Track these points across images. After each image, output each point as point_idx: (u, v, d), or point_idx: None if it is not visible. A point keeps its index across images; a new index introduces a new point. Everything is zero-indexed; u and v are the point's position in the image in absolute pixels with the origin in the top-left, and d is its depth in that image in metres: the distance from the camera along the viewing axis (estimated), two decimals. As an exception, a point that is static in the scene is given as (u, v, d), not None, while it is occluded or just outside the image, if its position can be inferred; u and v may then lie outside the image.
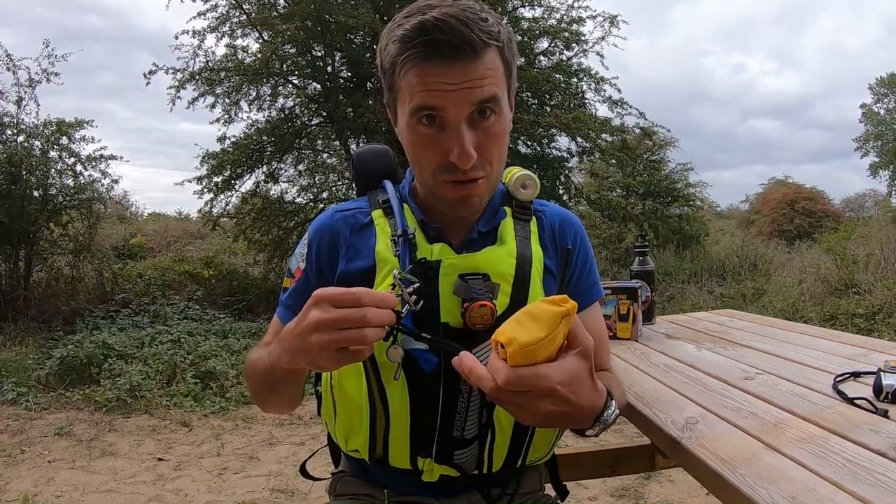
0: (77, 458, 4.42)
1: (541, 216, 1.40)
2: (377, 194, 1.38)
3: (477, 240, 1.29)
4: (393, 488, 1.34)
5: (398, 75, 1.14)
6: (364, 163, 1.45)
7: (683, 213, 15.63)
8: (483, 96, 1.12)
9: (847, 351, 1.91)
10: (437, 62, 1.09)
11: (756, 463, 1.09)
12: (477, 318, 1.17)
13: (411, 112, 1.14)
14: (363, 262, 1.27)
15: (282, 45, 9.50)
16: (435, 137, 1.15)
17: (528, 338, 0.92)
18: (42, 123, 9.00)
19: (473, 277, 1.20)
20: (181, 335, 7.04)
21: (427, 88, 1.11)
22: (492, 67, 1.13)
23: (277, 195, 11.08)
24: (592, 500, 3.64)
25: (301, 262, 1.34)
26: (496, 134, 1.17)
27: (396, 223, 1.27)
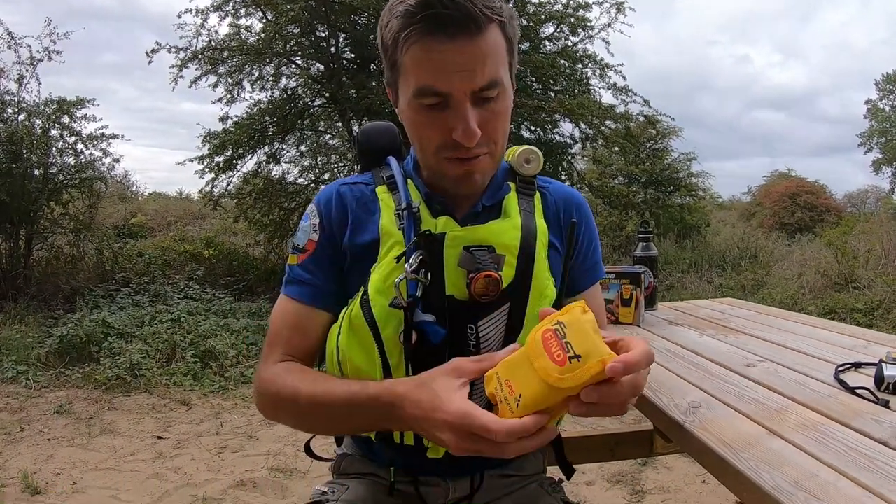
0: (76, 436, 4.43)
1: (545, 192, 1.40)
2: (381, 171, 1.38)
3: (481, 213, 1.29)
4: (398, 466, 1.35)
5: (400, 52, 1.14)
6: (368, 139, 1.45)
7: (685, 203, 15.60)
8: (486, 80, 1.12)
9: (848, 342, 1.92)
10: (440, 38, 1.08)
11: (758, 447, 1.10)
12: (482, 288, 1.17)
13: (415, 93, 1.14)
14: (368, 236, 1.27)
15: (285, 25, 9.44)
16: (438, 116, 1.14)
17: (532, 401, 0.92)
18: (43, 102, 8.97)
19: (478, 249, 1.20)
20: (181, 314, 7.05)
21: (431, 68, 1.11)
22: (494, 45, 1.13)
23: (279, 176, 11.05)
24: (589, 484, 3.65)
25: (313, 234, 1.32)
26: (499, 112, 1.18)
27: (401, 197, 1.27)
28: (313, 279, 1.30)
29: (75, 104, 9.07)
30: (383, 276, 1.19)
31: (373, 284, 1.20)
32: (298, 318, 1.30)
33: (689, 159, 16.12)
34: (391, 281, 1.18)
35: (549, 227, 1.34)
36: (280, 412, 1.27)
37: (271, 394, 1.24)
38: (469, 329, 1.20)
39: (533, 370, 0.91)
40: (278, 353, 1.28)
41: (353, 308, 1.21)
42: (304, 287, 1.30)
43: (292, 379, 1.21)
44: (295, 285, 1.32)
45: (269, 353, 1.29)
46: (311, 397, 1.17)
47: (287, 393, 1.20)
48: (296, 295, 1.30)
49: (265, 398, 1.27)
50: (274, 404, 1.25)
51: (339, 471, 1.46)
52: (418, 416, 1.01)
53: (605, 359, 0.86)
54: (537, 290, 1.23)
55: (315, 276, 1.30)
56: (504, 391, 0.95)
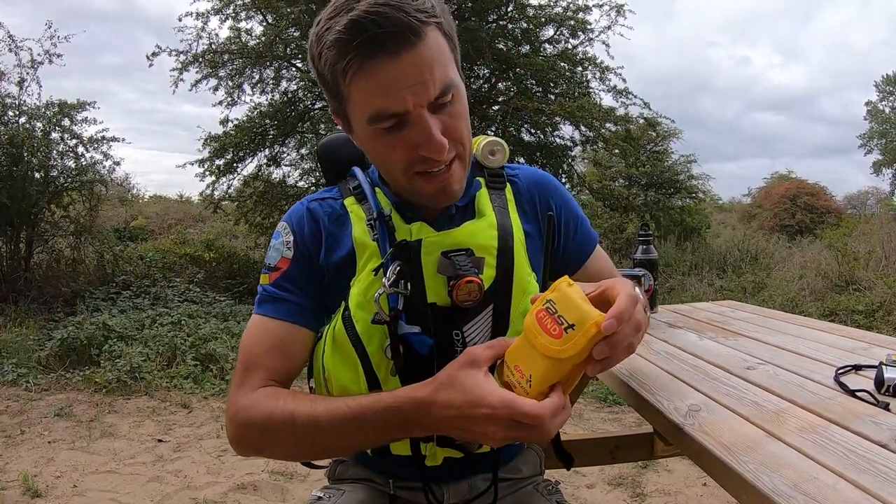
0: (77, 439, 4.43)
1: (514, 181, 1.39)
2: (347, 182, 1.35)
3: (455, 215, 1.27)
4: (397, 475, 1.34)
5: (343, 83, 1.09)
6: (329, 152, 1.43)
7: (685, 205, 15.63)
8: (440, 88, 1.08)
9: (848, 344, 1.91)
10: (382, 58, 1.04)
11: (758, 450, 1.10)
12: (464, 294, 1.16)
13: (370, 119, 1.10)
14: (342, 250, 1.25)
15: (286, 28, 9.47)
16: (398, 137, 1.10)
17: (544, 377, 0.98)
18: (44, 105, 8.96)
19: (457, 254, 1.19)
20: (181, 317, 7.04)
21: (381, 91, 1.06)
22: (437, 48, 1.08)
23: (279, 179, 11.08)
24: (590, 487, 3.65)
25: (286, 251, 1.27)
26: (458, 113, 1.14)
27: (371, 207, 1.25)
28: (289, 296, 1.25)
29: (76, 107, 9.06)
30: (362, 289, 1.19)
31: (353, 299, 1.19)
32: (277, 337, 1.24)
33: (689, 161, 16.17)
34: (371, 294, 1.17)
35: (525, 216, 1.34)
36: (269, 439, 1.15)
37: (257, 421, 1.14)
38: (455, 335, 1.19)
39: (535, 350, 0.98)
40: (257, 377, 1.20)
41: (335, 324, 1.21)
42: (280, 304, 1.25)
43: (284, 401, 1.14)
44: (270, 304, 1.26)
45: (245, 379, 1.21)
46: (310, 418, 1.09)
47: (280, 416, 1.12)
48: (272, 313, 1.25)
49: (247, 427, 1.16)
50: (262, 431, 1.15)
51: (334, 476, 1.45)
52: (453, 415, 0.98)
53: (598, 320, 0.93)
54: (519, 288, 1.23)
55: (291, 292, 1.25)
56: (515, 376, 1.01)
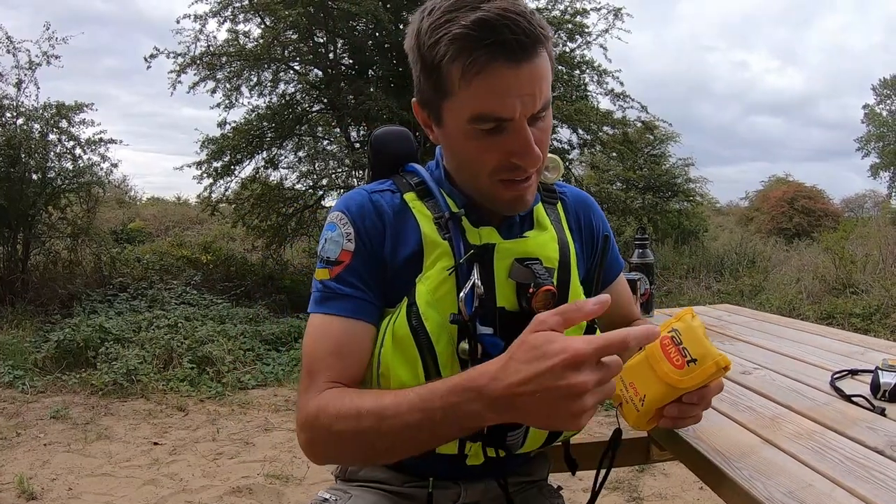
0: (73, 442, 4.42)
1: (564, 199, 1.41)
2: (404, 177, 1.31)
3: (517, 224, 1.29)
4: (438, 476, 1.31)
5: (455, 78, 1.06)
6: (384, 144, 1.39)
7: (683, 209, 15.64)
8: (545, 98, 1.10)
9: (844, 349, 1.91)
10: (504, 63, 1.03)
11: (753, 457, 1.10)
12: (541, 303, 1.16)
13: (471, 119, 1.08)
14: (408, 247, 1.22)
15: (284, 30, 9.45)
16: (495, 140, 1.10)
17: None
18: (42, 106, 8.95)
19: (532, 262, 1.20)
20: (178, 320, 7.02)
21: (493, 95, 1.05)
22: (547, 66, 1.09)
23: (277, 181, 11.07)
24: (586, 491, 3.60)
25: (347, 243, 1.22)
26: (547, 130, 1.16)
27: (439, 205, 1.23)
28: (354, 291, 1.20)
29: (74, 109, 9.06)
30: (432, 287, 1.17)
31: (421, 297, 1.16)
32: (344, 336, 1.18)
33: (686, 165, 16.19)
34: (441, 293, 1.16)
35: (573, 233, 1.36)
36: (337, 440, 1.09)
37: (325, 425, 1.09)
38: None
39: (654, 373, 1.07)
40: (322, 379, 1.15)
41: (396, 320, 1.17)
42: (346, 301, 1.19)
43: (350, 399, 1.09)
44: (333, 301, 1.19)
45: (311, 385, 1.15)
46: (377, 411, 1.03)
47: (347, 414, 1.06)
48: (338, 311, 1.19)
49: (317, 431, 1.11)
50: (330, 433, 1.09)
51: (344, 476, 1.41)
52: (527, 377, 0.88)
53: (719, 360, 1.02)
54: (573, 301, 1.25)
55: (356, 287, 1.20)
56: (629, 392, 1.11)
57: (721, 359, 1.02)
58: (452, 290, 1.16)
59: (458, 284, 1.16)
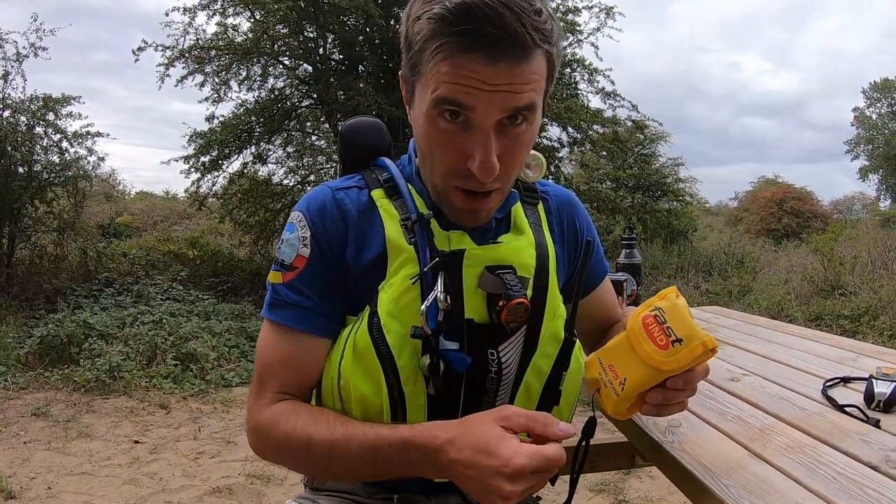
0: (53, 440, 4.37)
1: (546, 198, 1.33)
2: (373, 172, 1.24)
3: (492, 228, 1.20)
4: (402, 490, 1.25)
5: (426, 58, 0.99)
6: (354, 137, 1.30)
7: (672, 208, 15.65)
8: (520, 103, 0.99)
9: (835, 354, 1.87)
10: (478, 56, 0.94)
11: (741, 472, 1.05)
12: (513, 316, 1.09)
13: (434, 102, 1.00)
14: (372, 250, 1.15)
15: (273, 25, 9.41)
16: (455, 136, 1.02)
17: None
18: (28, 99, 8.88)
19: (504, 271, 1.12)
20: (163, 316, 6.97)
21: (459, 82, 0.97)
22: (537, 72, 0.99)
23: (265, 177, 11.02)
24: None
25: (303, 248, 1.15)
26: (524, 143, 1.06)
27: (406, 206, 1.15)
28: (304, 301, 1.14)
29: (60, 101, 8.99)
30: (395, 297, 1.09)
31: (383, 306, 1.09)
32: (292, 348, 1.15)
33: (676, 164, 16.21)
34: (404, 302, 1.09)
35: (554, 236, 1.29)
36: (287, 457, 1.13)
37: (274, 439, 1.11)
38: (490, 355, 1.13)
39: (636, 355, 1.00)
40: (272, 389, 1.14)
41: (357, 330, 1.10)
42: (295, 311, 1.15)
43: (302, 423, 1.08)
44: (283, 309, 1.15)
45: (261, 391, 1.15)
46: (328, 443, 1.05)
47: (298, 439, 1.08)
48: (284, 320, 1.15)
49: (266, 444, 1.14)
50: (279, 450, 1.12)
51: (312, 484, 1.36)
52: (464, 459, 0.96)
53: (706, 340, 0.95)
54: (551, 310, 1.18)
55: (306, 296, 1.15)
56: (608, 376, 1.05)
57: (708, 339, 0.95)
58: (417, 299, 1.09)
59: (423, 294, 1.08)
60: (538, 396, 1.16)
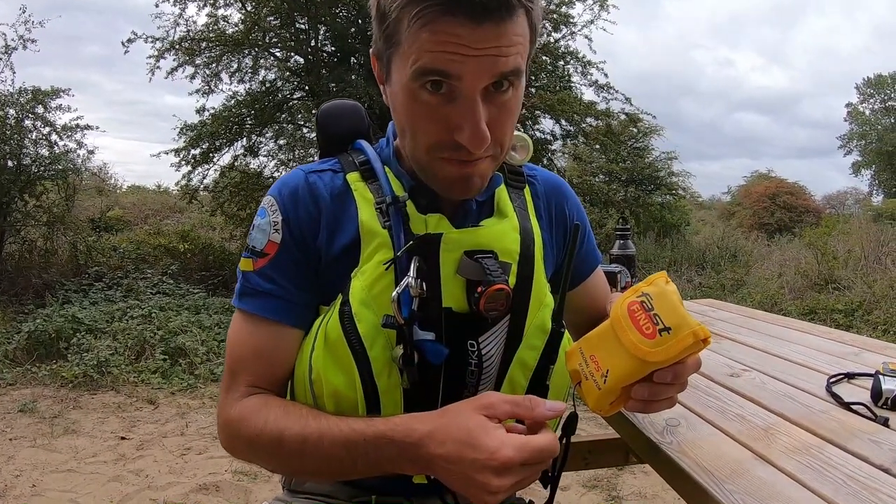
0: (39, 437, 4.31)
1: (533, 182, 1.27)
2: (350, 155, 1.19)
3: (474, 211, 1.15)
4: (380, 491, 1.19)
5: (404, 26, 0.93)
6: (332, 120, 1.25)
7: (665, 202, 15.64)
8: (507, 67, 0.94)
9: (837, 349, 1.82)
10: (461, 19, 0.89)
11: (745, 476, 0.99)
12: (493, 303, 1.02)
13: (415, 73, 0.94)
14: (345, 236, 1.10)
15: (265, 16, 9.36)
16: (439, 108, 0.96)
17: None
18: (17, 91, 8.80)
19: (484, 256, 1.06)
20: (152, 310, 6.91)
21: (441, 49, 0.91)
22: (521, 33, 0.94)
23: (256, 169, 10.97)
24: (564, 489, 3.56)
25: (274, 233, 1.11)
26: (511, 109, 1.00)
27: (381, 188, 1.11)
28: (275, 289, 1.10)
29: (50, 94, 8.92)
30: (367, 283, 1.04)
31: (355, 294, 1.04)
32: (264, 338, 1.10)
33: (670, 158, 16.21)
34: (377, 290, 1.03)
35: (541, 222, 1.23)
36: (259, 455, 1.08)
37: (245, 436, 1.06)
38: (470, 346, 1.07)
39: (620, 344, 0.91)
40: (243, 383, 1.10)
41: (329, 320, 1.05)
42: (265, 299, 1.10)
43: (274, 417, 1.03)
44: (253, 297, 1.11)
45: (232, 384, 1.10)
46: (300, 439, 1.00)
47: (270, 435, 1.02)
48: (256, 309, 1.10)
49: (237, 440, 1.08)
50: (250, 446, 1.07)
51: (290, 486, 1.31)
52: (447, 454, 0.91)
53: (697, 330, 0.86)
54: (537, 299, 1.12)
55: (278, 284, 1.10)
56: (589, 367, 0.95)
57: (700, 329, 0.86)
58: (391, 287, 1.03)
59: (398, 281, 1.02)
60: (524, 392, 1.10)
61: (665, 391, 0.95)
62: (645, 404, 0.96)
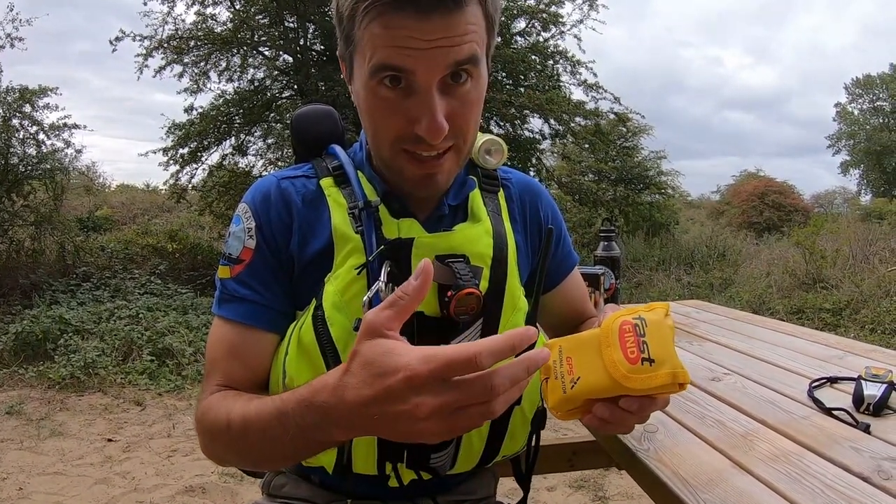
0: (25, 439, 4.30)
1: (507, 185, 1.27)
2: (324, 160, 1.20)
3: (447, 215, 1.15)
4: (355, 494, 1.19)
5: (358, 23, 0.95)
6: (306, 125, 1.26)
7: (654, 201, 15.63)
8: (460, 56, 0.94)
9: (821, 352, 1.81)
10: (409, 13, 0.90)
11: (722, 485, 0.98)
12: (463, 307, 1.03)
13: (371, 71, 0.96)
14: (318, 241, 1.10)
15: (253, 14, 9.34)
16: (398, 102, 0.97)
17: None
18: (4, 90, 8.75)
19: (455, 260, 1.07)
20: (140, 311, 6.88)
21: (393, 44, 0.92)
22: (474, 22, 0.95)
23: (245, 168, 10.94)
24: (550, 490, 3.56)
25: (248, 240, 1.12)
26: (472, 101, 1.01)
27: (354, 193, 1.11)
28: (252, 294, 1.10)
29: (37, 93, 8.87)
30: (340, 288, 1.04)
31: (328, 298, 1.04)
32: (239, 343, 1.10)
33: (659, 157, 16.21)
34: (349, 294, 1.04)
35: (515, 225, 1.23)
36: (218, 445, 1.04)
37: (205, 427, 1.05)
38: None
39: (600, 358, 0.88)
40: (215, 382, 1.09)
41: (302, 324, 1.06)
42: (242, 305, 1.11)
43: (226, 404, 1.01)
44: (231, 303, 1.12)
45: (206, 386, 1.10)
46: (242, 419, 0.96)
47: (220, 420, 1.00)
48: (233, 315, 1.11)
49: (201, 434, 1.07)
50: (209, 436, 1.05)
51: (268, 490, 1.30)
52: (367, 397, 0.75)
53: (677, 371, 0.85)
54: (510, 303, 1.13)
55: (254, 290, 1.11)
56: (563, 367, 0.91)
57: (681, 372, 0.85)
58: (363, 291, 1.03)
59: (370, 285, 1.03)
60: None
61: (626, 419, 0.92)
62: (602, 423, 0.93)
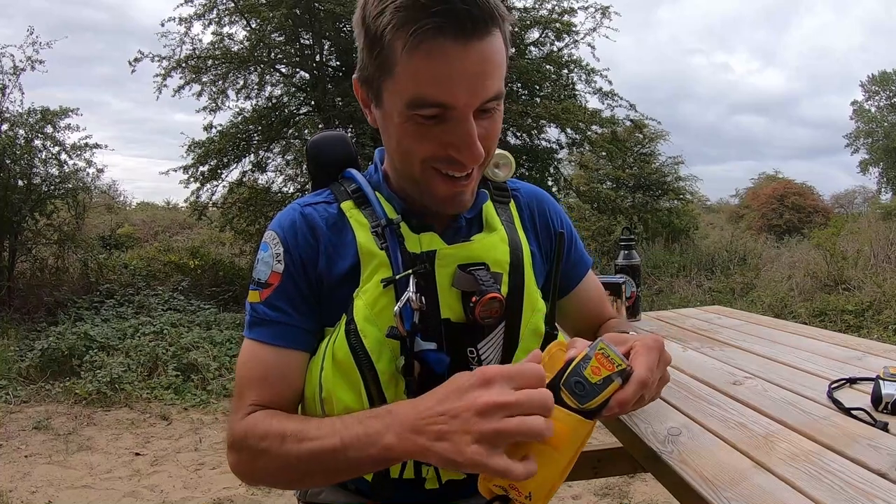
0: (54, 453, 4.35)
1: (517, 196, 1.33)
2: (341, 185, 1.24)
3: (464, 227, 1.20)
4: (394, 501, 1.21)
5: (398, 51, 0.96)
6: (320, 151, 1.30)
7: (673, 207, 15.59)
8: (492, 93, 1.00)
9: (841, 353, 1.82)
10: (450, 38, 0.93)
11: (744, 484, 1.00)
12: (487, 311, 1.09)
13: (411, 103, 0.99)
14: (345, 261, 1.14)
15: (269, 33, 9.40)
16: (433, 130, 1.01)
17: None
18: (26, 112, 8.89)
19: (476, 268, 1.13)
20: (164, 326, 6.96)
21: (435, 78, 0.96)
22: (499, 51, 1.00)
23: (264, 185, 11.00)
24: (576, 498, 3.57)
25: (277, 264, 1.15)
26: (496, 126, 1.07)
27: (375, 213, 1.15)
28: (281, 316, 1.13)
29: (59, 114, 9.01)
30: (370, 301, 1.08)
31: (359, 312, 1.08)
32: (272, 364, 1.12)
33: (676, 163, 16.13)
34: (379, 307, 1.08)
35: (528, 233, 1.28)
36: (262, 462, 1.05)
37: (251, 444, 1.05)
38: (470, 353, 1.14)
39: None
40: (249, 402, 1.11)
41: (335, 339, 1.09)
42: (273, 327, 1.13)
43: (278, 420, 1.05)
44: (262, 326, 1.13)
45: (238, 406, 1.11)
46: (299, 434, 1.00)
47: (273, 433, 1.03)
48: (265, 338, 1.13)
49: (244, 453, 1.07)
50: (255, 453, 1.05)
51: (305, 499, 1.33)
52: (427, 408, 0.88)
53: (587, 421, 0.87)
54: (529, 305, 1.18)
55: (283, 312, 1.13)
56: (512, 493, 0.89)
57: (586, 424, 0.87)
58: (392, 303, 1.08)
59: (398, 297, 1.07)
60: None
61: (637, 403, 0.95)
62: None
